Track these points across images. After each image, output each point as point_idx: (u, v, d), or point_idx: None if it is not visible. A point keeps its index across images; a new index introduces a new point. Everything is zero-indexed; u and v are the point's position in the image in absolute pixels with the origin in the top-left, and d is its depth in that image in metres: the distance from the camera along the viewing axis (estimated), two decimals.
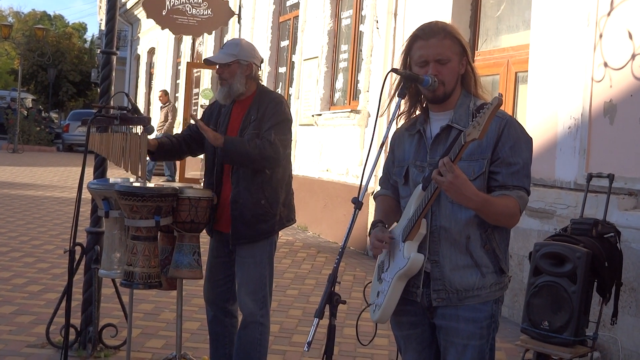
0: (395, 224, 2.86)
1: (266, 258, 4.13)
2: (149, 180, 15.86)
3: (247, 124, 4.04)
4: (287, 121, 4.07)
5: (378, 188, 3.07)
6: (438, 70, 2.70)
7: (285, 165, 4.16)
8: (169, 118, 17.15)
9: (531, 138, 2.76)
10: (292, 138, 4.25)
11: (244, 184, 4.02)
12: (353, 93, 10.89)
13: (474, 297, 2.68)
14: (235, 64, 4.06)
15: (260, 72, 4.24)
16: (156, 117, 21.23)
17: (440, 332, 2.75)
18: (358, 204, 2.62)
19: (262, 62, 4.25)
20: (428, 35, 2.73)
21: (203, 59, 7.54)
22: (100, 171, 4.96)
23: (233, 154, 3.95)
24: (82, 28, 66.74)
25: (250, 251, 4.08)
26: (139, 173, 4.10)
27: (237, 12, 14.84)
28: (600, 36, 5.83)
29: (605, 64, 5.77)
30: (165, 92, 17.87)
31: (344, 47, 11.34)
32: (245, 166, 4.00)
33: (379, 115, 2.90)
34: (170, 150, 4.28)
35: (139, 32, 27.26)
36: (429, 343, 2.83)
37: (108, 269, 4.28)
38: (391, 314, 2.73)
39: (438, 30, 2.74)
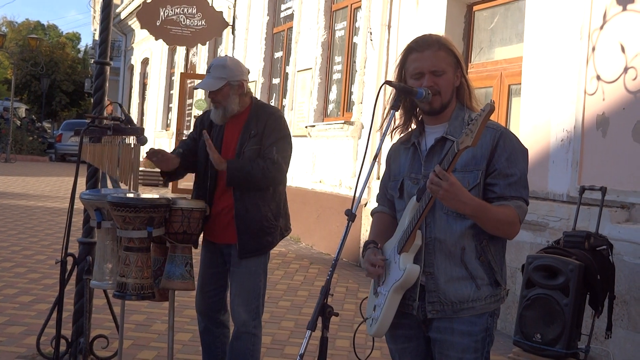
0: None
1: (261, 269, 4.13)
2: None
3: (247, 138, 4.04)
4: (287, 137, 4.12)
5: (372, 200, 3.07)
6: (434, 81, 2.70)
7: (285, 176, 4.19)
8: None
9: (527, 149, 2.77)
10: None
11: (250, 198, 4.04)
12: (346, 105, 10.91)
13: (469, 309, 2.67)
14: (226, 87, 4.06)
15: (249, 83, 4.24)
16: (150, 129, 21.23)
17: (435, 345, 2.74)
18: (351, 216, 2.61)
19: (248, 72, 4.26)
20: (422, 47, 2.73)
21: (193, 86, 7.56)
22: (92, 181, 4.95)
23: (237, 178, 3.98)
24: (75, 38, 66.69)
25: (245, 262, 4.09)
26: (131, 184, 4.10)
27: (231, 23, 14.86)
28: (593, 49, 5.86)
29: (598, 77, 5.79)
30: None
31: (337, 59, 11.37)
32: (250, 188, 4.02)
33: (372, 126, 2.89)
34: (179, 169, 4.23)
35: (133, 43, 27.27)
36: (424, 357, 2.82)
37: (100, 280, 4.26)
38: (388, 327, 2.71)
39: (432, 42, 2.74)
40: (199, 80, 17.22)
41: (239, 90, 4.09)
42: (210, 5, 12.94)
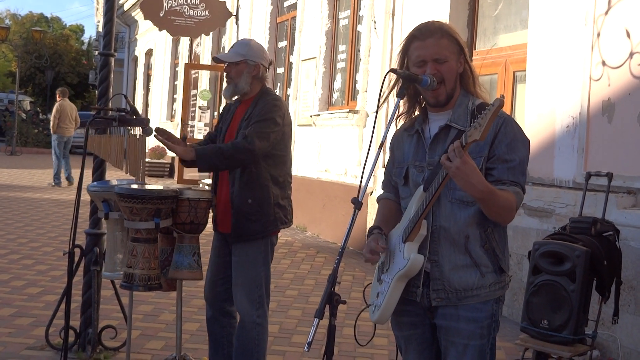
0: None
1: (261, 258, 4.13)
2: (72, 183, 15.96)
3: (243, 121, 4.07)
4: (272, 119, 4.04)
5: (377, 188, 3.07)
6: (437, 69, 2.69)
7: (278, 165, 4.15)
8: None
9: (528, 139, 2.75)
10: (291, 139, 4.26)
11: (237, 184, 4.06)
12: (351, 93, 10.90)
13: (474, 297, 2.68)
14: (243, 64, 4.10)
15: (267, 74, 4.25)
16: (154, 120, 21.25)
17: (441, 332, 2.75)
18: (357, 204, 2.61)
19: (270, 63, 4.27)
20: (425, 35, 2.72)
21: (212, 56, 7.53)
22: (99, 173, 4.97)
23: (206, 159, 3.94)
24: (79, 30, 66.65)
25: (245, 251, 4.10)
26: (138, 175, 4.11)
27: (234, 13, 14.83)
28: (598, 35, 5.83)
29: (603, 63, 5.77)
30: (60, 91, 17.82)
31: (341, 48, 11.34)
32: (228, 167, 4.01)
33: (377, 114, 2.90)
34: None
35: (137, 34, 27.25)
36: (430, 343, 2.83)
37: (111, 271, 4.28)
38: (390, 315, 2.72)
39: (435, 30, 2.73)
40: (204, 71, 17.11)
41: (253, 71, 4.12)
42: None
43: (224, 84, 4.24)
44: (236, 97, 4.18)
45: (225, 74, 4.17)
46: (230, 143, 3.98)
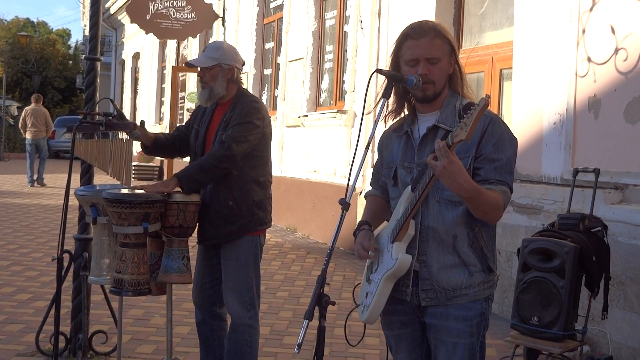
0: (385, 222, 2.87)
1: (250, 260, 4.13)
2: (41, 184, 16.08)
3: (222, 126, 4.07)
4: (250, 123, 4.03)
5: (366, 188, 3.08)
6: (429, 69, 2.70)
7: (260, 166, 4.15)
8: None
9: (516, 138, 2.75)
10: (278, 140, 4.28)
11: (217, 186, 4.05)
12: (339, 94, 10.90)
13: (463, 296, 2.69)
14: (217, 68, 4.08)
15: (241, 75, 4.26)
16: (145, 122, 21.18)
17: (431, 330, 2.76)
18: (345, 204, 2.62)
19: (243, 64, 4.27)
20: (419, 35, 2.73)
21: (185, 61, 7.53)
22: (87, 178, 4.95)
23: (190, 177, 3.96)
24: (65, 34, 66.28)
25: (234, 254, 4.09)
26: (122, 178, 4.10)
27: (221, 15, 14.83)
28: (583, 31, 5.86)
29: (589, 59, 5.80)
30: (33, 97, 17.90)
31: (328, 48, 11.35)
32: (213, 178, 4.00)
33: (363, 114, 2.90)
34: (164, 145, 4.32)
35: (123, 37, 27.18)
36: (420, 342, 2.83)
37: (97, 276, 4.26)
38: (379, 315, 2.73)
39: (429, 30, 2.74)
40: (191, 74, 17.07)
41: (228, 74, 4.11)
42: None
43: (198, 89, 4.24)
44: (212, 101, 4.16)
45: (199, 78, 4.16)
46: (208, 155, 3.98)
